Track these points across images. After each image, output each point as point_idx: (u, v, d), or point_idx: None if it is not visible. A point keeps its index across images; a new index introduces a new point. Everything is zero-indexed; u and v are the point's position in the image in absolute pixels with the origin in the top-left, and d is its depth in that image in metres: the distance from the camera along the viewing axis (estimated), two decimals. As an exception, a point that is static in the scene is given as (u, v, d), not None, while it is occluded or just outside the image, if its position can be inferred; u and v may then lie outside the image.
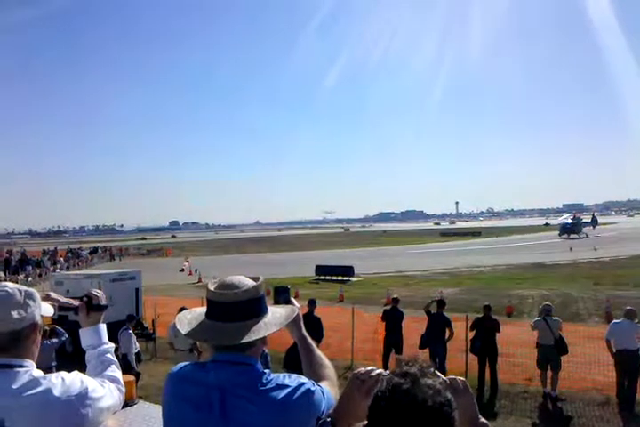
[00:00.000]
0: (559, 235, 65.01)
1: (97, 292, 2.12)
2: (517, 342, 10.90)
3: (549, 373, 9.29)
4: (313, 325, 9.76)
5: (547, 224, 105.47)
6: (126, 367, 9.77)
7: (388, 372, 1.41)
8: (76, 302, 2.08)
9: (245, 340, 1.58)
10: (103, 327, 2.12)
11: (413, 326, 11.26)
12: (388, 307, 11.87)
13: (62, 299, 2.08)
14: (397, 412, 1.21)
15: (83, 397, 1.66)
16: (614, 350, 8.66)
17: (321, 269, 31.58)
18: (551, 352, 9.19)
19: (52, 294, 2.06)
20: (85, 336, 2.08)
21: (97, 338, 2.08)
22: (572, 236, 62.64)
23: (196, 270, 34.84)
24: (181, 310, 1.83)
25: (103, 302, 2.12)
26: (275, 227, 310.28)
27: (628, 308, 9.13)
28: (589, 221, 76.79)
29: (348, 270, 30.41)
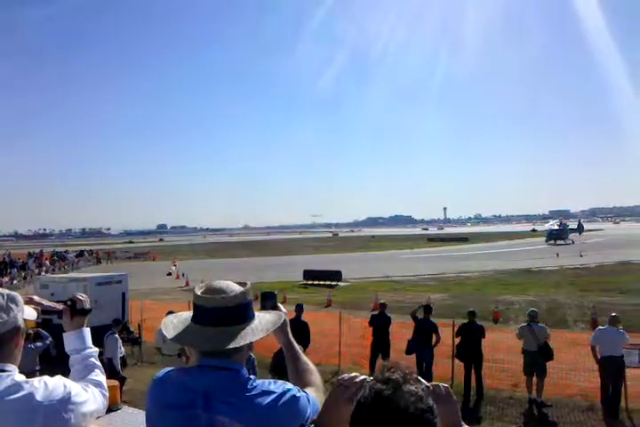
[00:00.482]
0: (546, 241, 65.44)
1: (81, 295, 2.10)
2: (504, 347, 10.93)
3: (535, 379, 9.34)
4: (300, 330, 9.75)
5: (534, 230, 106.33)
6: (112, 372, 9.68)
7: (371, 378, 1.41)
8: (59, 306, 2.06)
9: (232, 345, 1.57)
10: (87, 331, 2.10)
11: (401, 332, 11.26)
12: (376, 312, 11.88)
13: (46, 302, 2.06)
14: (379, 419, 1.21)
15: (66, 401, 1.65)
16: (599, 357, 8.74)
17: (309, 274, 31.51)
18: (536, 358, 9.24)
19: (36, 298, 2.03)
20: (69, 340, 2.06)
21: (81, 342, 2.06)
22: (558, 242, 63.05)
23: (183, 274, 34.66)
24: (169, 314, 1.82)
25: (87, 306, 2.10)
26: (263, 231, 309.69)
27: (613, 314, 9.21)
28: (575, 227, 77.36)
29: (335, 275, 30.40)
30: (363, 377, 1.46)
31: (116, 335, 10.27)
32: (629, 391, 8.75)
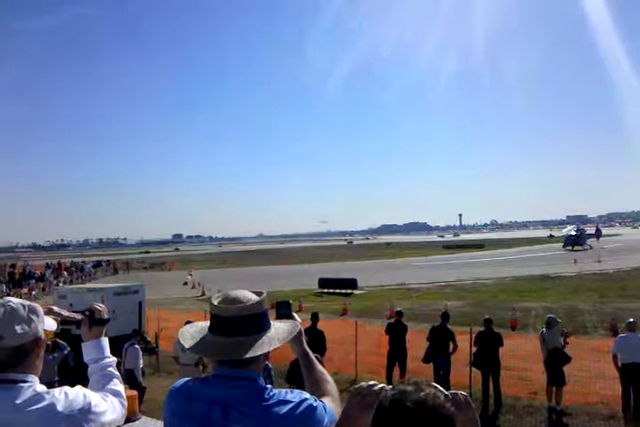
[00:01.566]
0: (563, 247, 64.67)
1: (99, 306, 2.13)
2: (522, 355, 10.83)
3: (555, 387, 9.22)
4: (316, 338, 9.74)
5: (551, 236, 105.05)
6: (134, 382, 9.75)
7: (390, 387, 1.41)
8: (78, 316, 2.09)
9: (249, 355, 1.58)
10: (105, 341, 2.12)
11: (417, 340, 11.19)
12: (392, 320, 11.83)
13: (65, 313, 2.09)
14: (405, 415, 1.22)
15: (86, 411, 1.67)
16: (620, 364, 8.59)
17: (324, 282, 31.48)
18: (548, 365, 9.17)
19: (55, 308, 2.06)
20: (88, 350, 2.08)
21: (99, 352, 2.08)
22: (576, 247, 62.32)
23: (199, 284, 34.79)
24: (187, 323, 1.84)
25: (105, 316, 2.12)
26: (278, 240, 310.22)
27: (630, 320, 9.00)
28: (593, 232, 76.49)
29: (351, 283, 30.32)
30: (381, 385, 1.45)
31: (137, 346, 10.35)
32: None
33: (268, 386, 1.62)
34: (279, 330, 1.74)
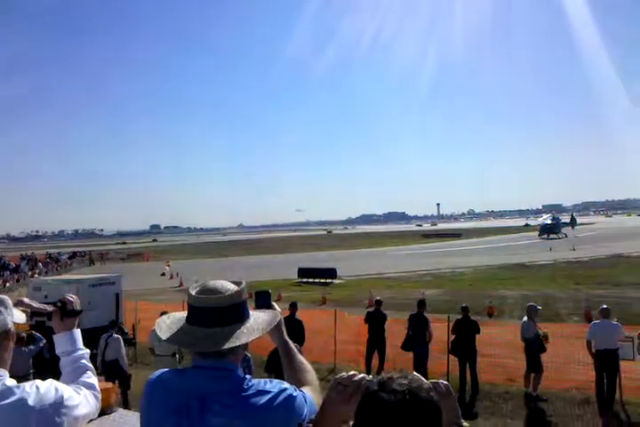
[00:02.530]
0: (539, 235, 65.77)
1: (71, 296, 2.07)
2: (498, 342, 10.97)
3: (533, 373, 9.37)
4: (295, 328, 9.73)
5: (527, 225, 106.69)
6: (118, 372, 9.71)
7: (370, 376, 1.40)
8: (49, 308, 2.03)
9: (227, 346, 1.55)
10: (78, 333, 2.07)
11: (396, 328, 11.27)
12: (371, 309, 11.90)
13: (35, 304, 2.03)
14: (392, 403, 1.22)
15: (58, 405, 1.62)
16: (594, 351, 8.75)
17: (304, 272, 31.56)
18: (527, 352, 9.33)
19: (25, 300, 2.00)
20: (60, 342, 2.03)
21: (72, 344, 2.03)
22: (551, 236, 63.40)
23: (177, 274, 34.58)
24: (162, 314, 1.78)
25: (78, 307, 2.07)
26: (258, 230, 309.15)
27: (603, 307, 9.17)
28: (568, 221, 77.79)
29: (330, 273, 30.46)
30: (361, 376, 1.44)
31: (118, 336, 10.27)
32: (623, 384, 8.79)
33: (247, 376, 1.59)
34: (259, 320, 1.71)
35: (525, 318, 9.54)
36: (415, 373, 1.33)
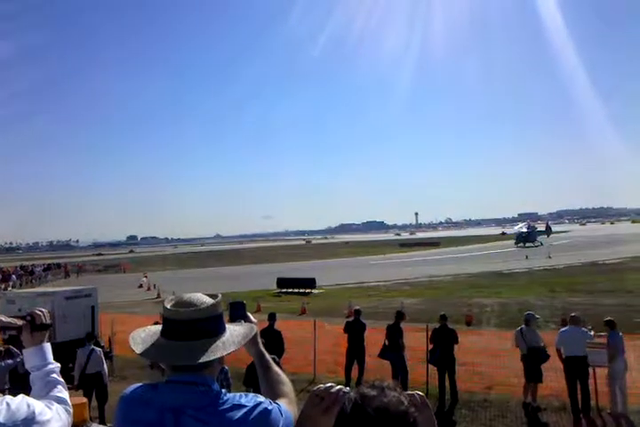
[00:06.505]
0: (515, 244, 66.44)
1: (40, 310, 2.04)
2: (477, 350, 11.05)
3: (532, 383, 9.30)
4: (274, 339, 9.70)
5: (503, 233, 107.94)
6: (99, 385, 9.53)
7: (347, 388, 1.40)
8: (19, 322, 2.00)
9: (203, 360, 1.55)
10: (48, 347, 2.04)
11: (376, 338, 11.28)
12: (351, 319, 11.88)
13: (4, 318, 2.00)
14: (368, 422, 1.22)
15: (29, 421, 1.60)
16: (564, 357, 8.81)
17: (282, 282, 31.39)
18: (527, 362, 9.27)
19: None
20: (30, 357, 2.00)
21: (42, 358, 2.00)
22: (527, 244, 64.16)
23: (154, 286, 34.15)
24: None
25: (47, 321, 2.04)
26: (236, 240, 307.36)
27: (572, 315, 9.27)
28: (543, 229, 78.85)
29: (309, 283, 30.34)
30: (338, 387, 1.43)
31: (98, 349, 10.10)
32: (599, 390, 8.88)
33: (222, 390, 1.59)
34: (234, 333, 1.70)
35: (523, 327, 9.45)
36: (392, 383, 1.34)
